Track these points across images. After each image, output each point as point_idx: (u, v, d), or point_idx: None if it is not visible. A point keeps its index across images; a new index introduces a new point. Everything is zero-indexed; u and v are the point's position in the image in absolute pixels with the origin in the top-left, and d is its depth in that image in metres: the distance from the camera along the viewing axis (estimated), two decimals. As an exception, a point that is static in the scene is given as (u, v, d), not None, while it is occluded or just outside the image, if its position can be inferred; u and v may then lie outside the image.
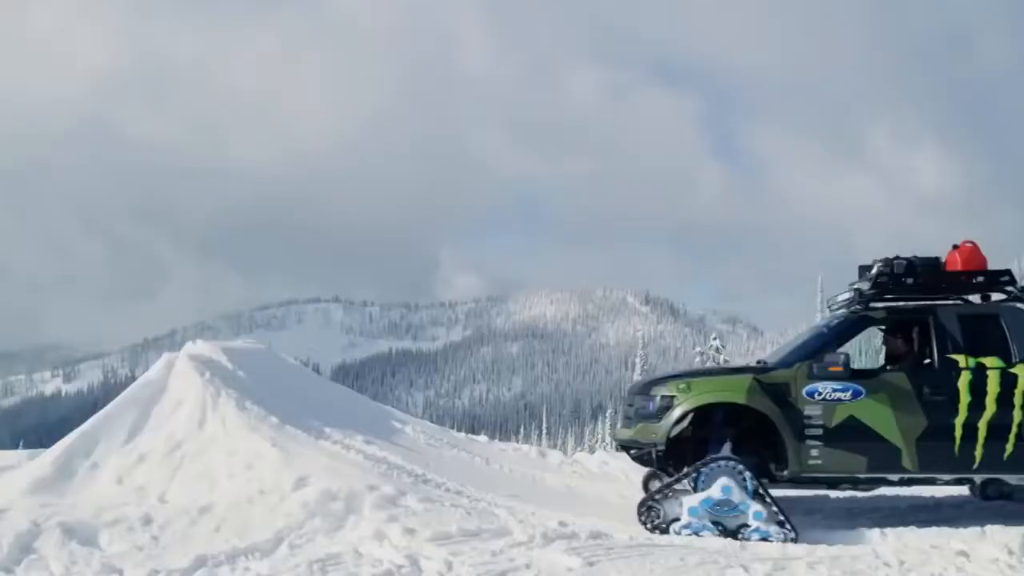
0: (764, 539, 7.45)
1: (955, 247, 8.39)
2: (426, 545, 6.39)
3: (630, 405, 8.49)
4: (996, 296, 8.32)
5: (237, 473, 7.63)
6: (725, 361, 38.43)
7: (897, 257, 8.31)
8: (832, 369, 7.91)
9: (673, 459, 8.14)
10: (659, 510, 7.72)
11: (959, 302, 8.33)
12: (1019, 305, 8.24)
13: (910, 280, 8.25)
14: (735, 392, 8.06)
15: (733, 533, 7.52)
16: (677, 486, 7.74)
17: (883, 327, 8.66)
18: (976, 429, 7.80)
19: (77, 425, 8.33)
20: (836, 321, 8.51)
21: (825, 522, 8.21)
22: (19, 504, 7.15)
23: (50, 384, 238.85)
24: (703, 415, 8.13)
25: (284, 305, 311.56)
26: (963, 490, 9.58)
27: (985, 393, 7.82)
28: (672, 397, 8.13)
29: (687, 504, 7.64)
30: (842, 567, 6.44)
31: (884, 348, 8.82)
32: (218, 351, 9.29)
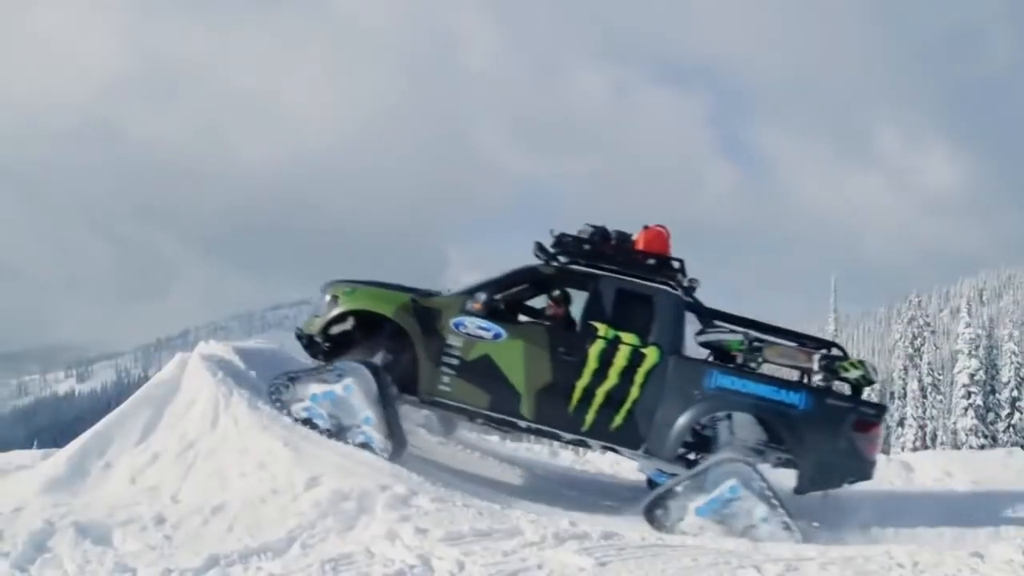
0: (366, 444, 8.07)
1: (645, 227, 8.73)
2: (438, 545, 6.38)
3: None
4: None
5: (249, 472, 7.63)
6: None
7: (604, 227, 8.66)
8: (474, 307, 8.34)
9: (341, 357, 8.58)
10: (289, 389, 8.26)
11: (624, 277, 8.51)
12: (681, 296, 8.57)
13: (588, 247, 8.55)
14: (386, 305, 8.56)
15: (344, 431, 8.13)
16: (316, 375, 8.27)
17: (550, 284, 8.82)
18: (594, 395, 8.25)
19: (91, 425, 8.35)
20: (512, 269, 8.80)
21: (837, 522, 8.18)
22: (33, 503, 7.17)
23: (64, 384, 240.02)
24: (373, 321, 8.57)
25: (295, 305, 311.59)
26: (977, 490, 9.54)
27: (611, 365, 8.24)
28: (336, 297, 8.64)
29: (312, 391, 8.18)
30: (855, 568, 6.41)
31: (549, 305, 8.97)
32: (230, 351, 9.29)
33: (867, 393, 8.38)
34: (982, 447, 34.36)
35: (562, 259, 8.62)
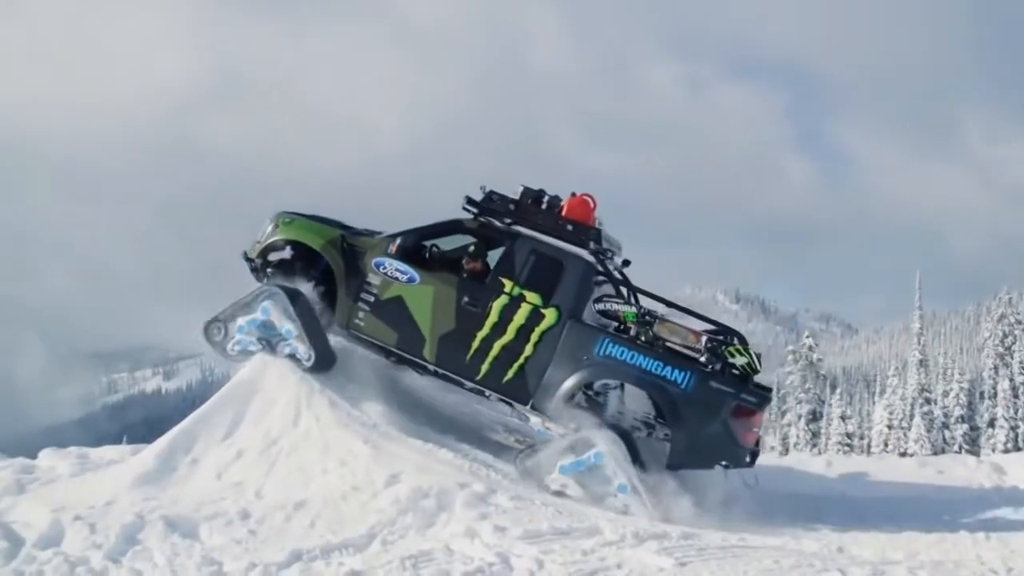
0: (293, 355, 8.68)
1: (573, 194, 8.85)
2: (517, 543, 6.40)
3: None
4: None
5: (331, 470, 7.75)
6: (819, 360, 37.81)
7: (541, 190, 8.90)
8: (392, 249, 8.82)
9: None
10: (222, 326, 8.88)
11: (541, 238, 8.78)
12: (593, 264, 8.75)
13: (513, 206, 8.88)
14: (316, 238, 9.06)
15: (274, 347, 8.73)
16: (238, 309, 8.78)
17: (473, 237, 9.05)
18: (491, 347, 8.64)
19: (178, 422, 8.57)
20: (439, 220, 9.15)
21: (925, 525, 7.97)
22: (124, 497, 7.39)
23: (151, 382, 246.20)
24: (310, 253, 9.05)
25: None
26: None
27: (511, 321, 8.62)
28: (277, 226, 9.18)
29: (240, 322, 8.72)
30: (944, 572, 6.24)
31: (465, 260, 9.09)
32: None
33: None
34: (1078, 449, 33.15)
35: (504, 219, 8.92)
